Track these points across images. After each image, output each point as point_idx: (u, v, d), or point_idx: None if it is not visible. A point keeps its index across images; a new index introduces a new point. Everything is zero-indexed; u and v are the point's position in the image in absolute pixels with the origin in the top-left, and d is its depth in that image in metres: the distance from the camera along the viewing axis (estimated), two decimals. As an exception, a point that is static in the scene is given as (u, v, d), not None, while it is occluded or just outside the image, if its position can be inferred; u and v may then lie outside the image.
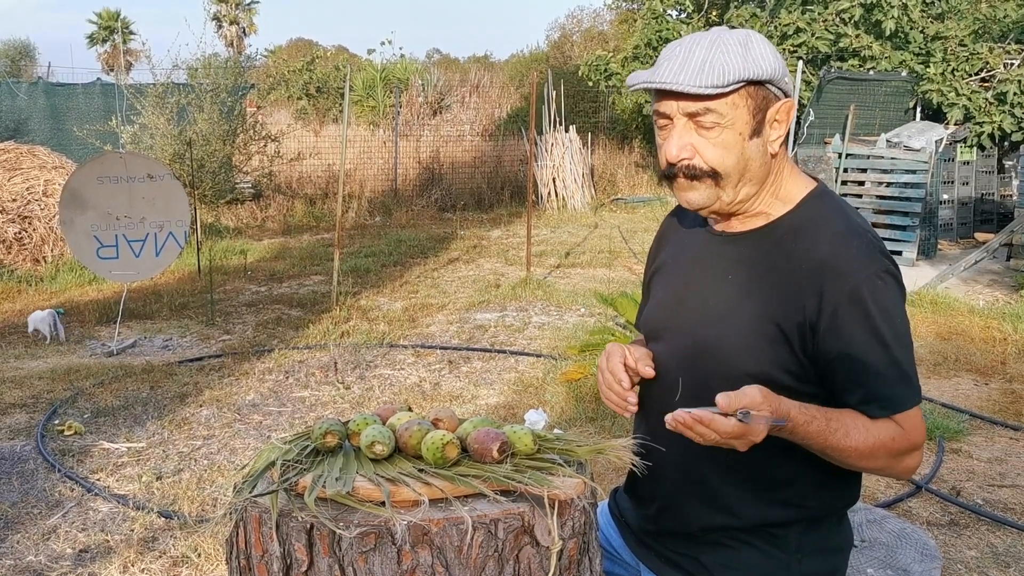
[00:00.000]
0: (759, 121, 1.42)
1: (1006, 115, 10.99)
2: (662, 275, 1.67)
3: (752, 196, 1.47)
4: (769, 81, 1.41)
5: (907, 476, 1.49)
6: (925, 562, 1.99)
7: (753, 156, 1.43)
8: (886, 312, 1.39)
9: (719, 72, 1.36)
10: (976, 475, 3.94)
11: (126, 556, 3.18)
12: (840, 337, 1.39)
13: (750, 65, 1.38)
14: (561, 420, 4.57)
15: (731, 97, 1.39)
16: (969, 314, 6.72)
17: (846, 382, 1.40)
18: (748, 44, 1.40)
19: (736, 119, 1.40)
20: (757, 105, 1.41)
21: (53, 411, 4.74)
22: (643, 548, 1.64)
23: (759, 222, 1.50)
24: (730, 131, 1.40)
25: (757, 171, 1.45)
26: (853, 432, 1.38)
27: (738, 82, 1.37)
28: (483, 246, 10.64)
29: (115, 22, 39.32)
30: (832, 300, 1.38)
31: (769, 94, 1.42)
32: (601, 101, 18.52)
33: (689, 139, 1.42)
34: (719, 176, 1.42)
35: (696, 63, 1.38)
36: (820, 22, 12.76)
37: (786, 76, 1.44)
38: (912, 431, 1.40)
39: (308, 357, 5.83)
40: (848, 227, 1.44)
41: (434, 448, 1.38)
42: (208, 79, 12.49)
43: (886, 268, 1.41)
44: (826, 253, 1.41)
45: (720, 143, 1.41)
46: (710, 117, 1.39)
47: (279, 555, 1.27)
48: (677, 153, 1.42)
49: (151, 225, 6.20)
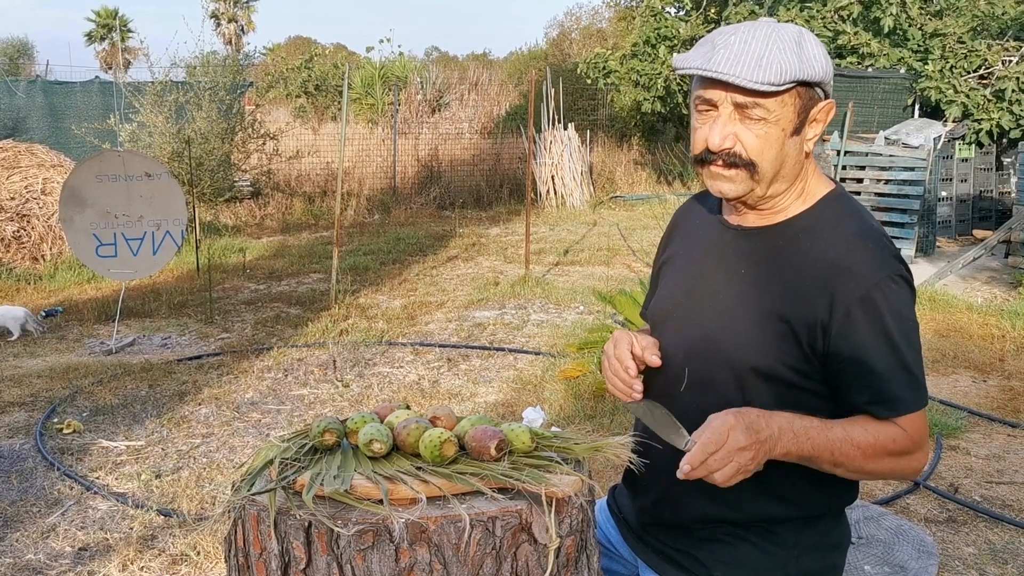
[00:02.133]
0: (802, 120, 1.43)
1: (1004, 112, 11.00)
2: (672, 266, 1.68)
3: (782, 193, 1.48)
4: (819, 83, 1.42)
5: (913, 477, 1.49)
6: (922, 559, 2.00)
7: (790, 154, 1.44)
8: (898, 315, 1.39)
9: (777, 70, 1.36)
10: (974, 472, 3.95)
11: (125, 554, 3.18)
12: (851, 339, 1.39)
13: (805, 66, 1.38)
14: (559, 418, 4.57)
15: (782, 96, 1.39)
16: (967, 311, 6.73)
17: (855, 383, 1.41)
18: (802, 43, 1.40)
19: (783, 116, 1.40)
20: (804, 105, 1.42)
21: (52, 409, 4.74)
22: (641, 544, 1.64)
23: (776, 218, 1.50)
24: (775, 127, 1.40)
25: (791, 169, 1.45)
26: (856, 435, 1.38)
27: (793, 82, 1.37)
28: (482, 244, 10.64)
29: (113, 20, 39.28)
30: (844, 302, 1.39)
31: (816, 95, 1.43)
32: (600, 99, 18.51)
33: (733, 128, 1.41)
34: (755, 169, 1.42)
35: (753, 56, 1.36)
36: (818, 19, 12.76)
37: (832, 78, 1.44)
38: (916, 432, 1.41)
39: (307, 355, 5.83)
40: (862, 229, 1.45)
41: (432, 446, 1.38)
42: (206, 77, 12.47)
43: (899, 272, 1.41)
44: (839, 254, 1.41)
45: (763, 136, 1.41)
46: (758, 111, 1.39)
47: (277, 553, 1.27)
48: (720, 142, 1.41)
49: (149, 224, 6.21)
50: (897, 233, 9.28)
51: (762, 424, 1.33)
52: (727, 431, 1.31)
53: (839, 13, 12.59)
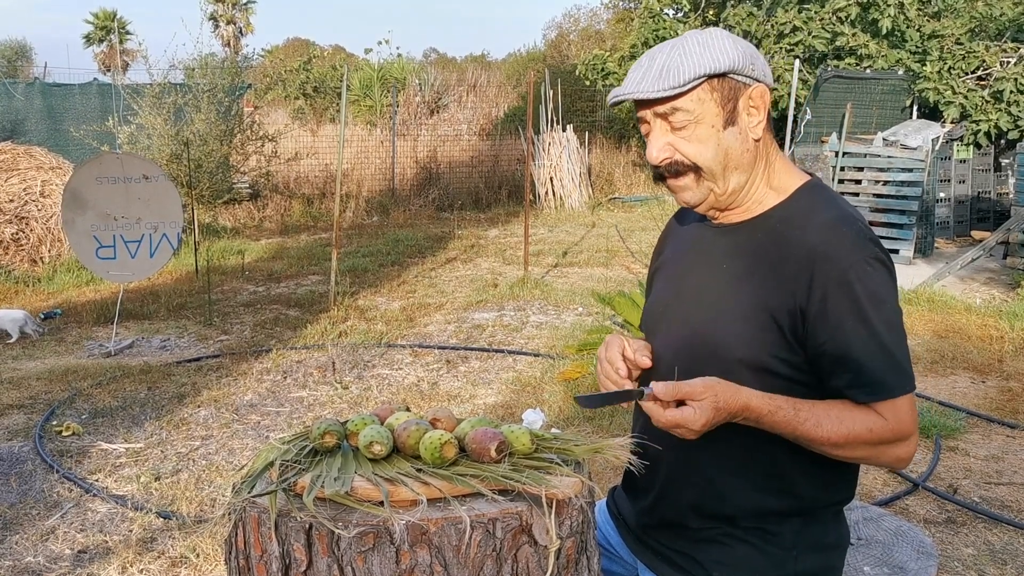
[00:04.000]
0: (730, 111, 1.45)
1: (1002, 113, 11.01)
2: (663, 272, 1.71)
3: (745, 185, 1.50)
4: (730, 72, 1.44)
5: (899, 466, 1.49)
6: (921, 560, 2.00)
7: (732, 145, 1.46)
8: (875, 297, 1.39)
9: (675, 74, 1.42)
10: (973, 473, 3.96)
11: (125, 557, 3.18)
12: (828, 322, 1.40)
13: (706, 61, 1.42)
14: (559, 419, 4.57)
15: (693, 93, 1.43)
16: (966, 312, 6.73)
17: (834, 367, 1.41)
18: (707, 42, 1.44)
19: (704, 113, 1.44)
20: (724, 96, 1.44)
21: (51, 412, 4.74)
22: (641, 546, 1.65)
23: (754, 212, 1.53)
24: (702, 125, 1.44)
25: (740, 158, 1.47)
26: (825, 423, 1.39)
27: (695, 79, 1.41)
28: (481, 245, 10.64)
29: (111, 22, 39.28)
30: (821, 285, 1.40)
31: (736, 83, 1.45)
32: (598, 100, 18.53)
33: (666, 139, 1.47)
34: (700, 170, 1.47)
35: (656, 70, 1.43)
36: (817, 21, 12.78)
37: (754, 63, 1.46)
38: (897, 421, 1.40)
39: (306, 357, 5.83)
40: (839, 215, 1.46)
41: (432, 448, 1.39)
42: (205, 79, 12.46)
43: (875, 255, 1.42)
44: (817, 240, 1.43)
45: (695, 138, 1.45)
46: (679, 116, 1.44)
47: (278, 555, 1.27)
48: (657, 155, 1.48)
49: (146, 226, 6.22)
50: (895, 234, 9.29)
51: (725, 386, 1.38)
52: (709, 391, 1.36)
53: (837, 14, 12.61)
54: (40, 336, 6.37)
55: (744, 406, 1.37)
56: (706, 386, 1.36)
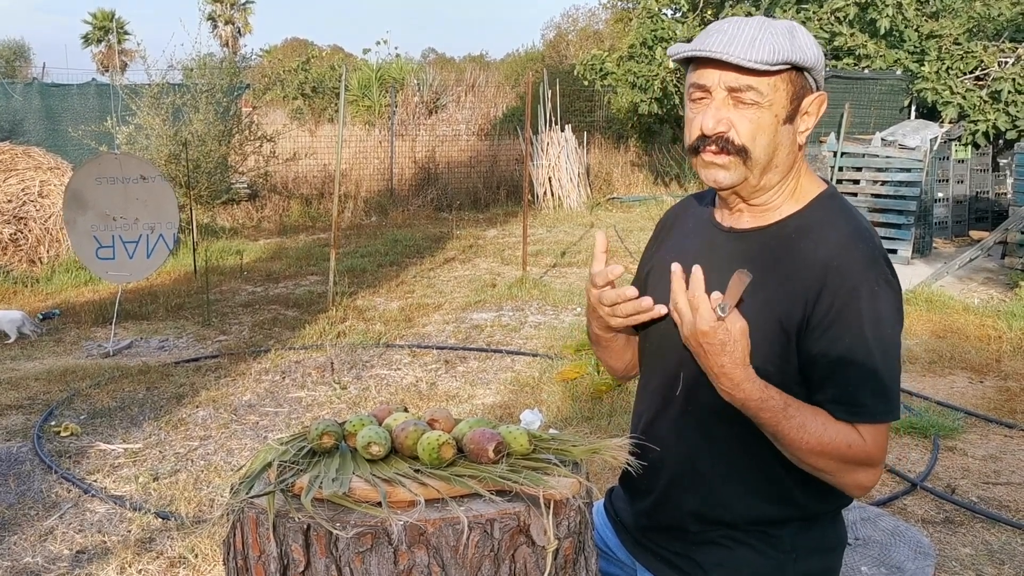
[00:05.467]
0: (795, 108, 1.43)
1: (1000, 113, 11.02)
2: (663, 273, 1.67)
3: (774, 186, 1.48)
4: (810, 69, 1.42)
5: (857, 493, 1.45)
6: (919, 560, 2.00)
7: (783, 142, 1.44)
8: (877, 320, 1.39)
9: (769, 49, 1.37)
10: (971, 473, 3.96)
11: (123, 557, 3.18)
12: (826, 335, 1.39)
13: (796, 50, 1.39)
14: (557, 420, 4.57)
15: (774, 78, 1.39)
16: (964, 312, 6.74)
17: (822, 380, 1.41)
18: (794, 32, 1.42)
19: (775, 101, 1.41)
20: (796, 91, 1.42)
21: (50, 412, 4.74)
22: (639, 547, 1.65)
23: (769, 219, 1.50)
24: (768, 112, 1.41)
25: (784, 159, 1.46)
26: (810, 425, 1.37)
27: (785, 63, 1.38)
28: (479, 246, 10.64)
29: (110, 22, 39.27)
30: (828, 299, 1.39)
31: (807, 83, 1.44)
32: (597, 100, 18.52)
33: (727, 113, 1.42)
34: (748, 155, 1.42)
35: (746, 38, 1.38)
36: (815, 21, 12.79)
37: (823, 70, 1.46)
38: (874, 444, 1.39)
39: (304, 357, 5.83)
40: (854, 231, 1.45)
41: (430, 449, 1.39)
42: (203, 79, 12.45)
43: (886, 277, 1.41)
44: (830, 254, 1.42)
45: (756, 121, 1.41)
46: (751, 94, 1.39)
47: (276, 556, 1.27)
48: (714, 126, 1.41)
49: (144, 226, 6.23)
50: (894, 234, 9.30)
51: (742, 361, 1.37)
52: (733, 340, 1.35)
53: (835, 15, 12.62)
54: (38, 336, 6.37)
55: (746, 378, 1.36)
56: (743, 333, 1.36)
